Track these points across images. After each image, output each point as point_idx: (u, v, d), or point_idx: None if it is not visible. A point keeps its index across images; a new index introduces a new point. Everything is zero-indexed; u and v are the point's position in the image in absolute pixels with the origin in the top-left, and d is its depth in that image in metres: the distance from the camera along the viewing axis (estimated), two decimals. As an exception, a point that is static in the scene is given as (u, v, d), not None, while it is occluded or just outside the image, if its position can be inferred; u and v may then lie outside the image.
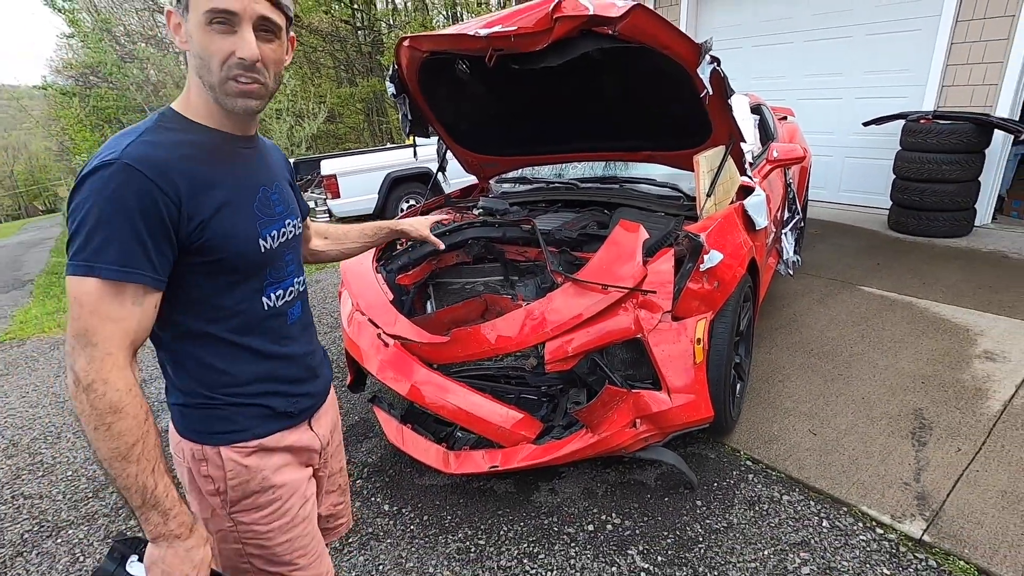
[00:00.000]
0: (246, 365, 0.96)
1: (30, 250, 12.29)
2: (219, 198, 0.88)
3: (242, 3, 0.81)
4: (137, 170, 0.79)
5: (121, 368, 0.79)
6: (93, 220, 0.77)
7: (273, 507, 1.01)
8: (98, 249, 0.77)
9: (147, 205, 0.79)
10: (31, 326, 5.17)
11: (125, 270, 0.78)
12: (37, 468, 2.67)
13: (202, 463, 0.96)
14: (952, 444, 2.17)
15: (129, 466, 0.79)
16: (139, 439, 0.80)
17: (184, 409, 0.95)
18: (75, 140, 11.26)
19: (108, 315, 0.78)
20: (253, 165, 0.97)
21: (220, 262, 0.89)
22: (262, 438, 0.98)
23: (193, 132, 0.89)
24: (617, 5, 1.80)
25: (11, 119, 33.65)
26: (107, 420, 0.77)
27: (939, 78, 4.78)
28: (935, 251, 4.33)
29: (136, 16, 15.47)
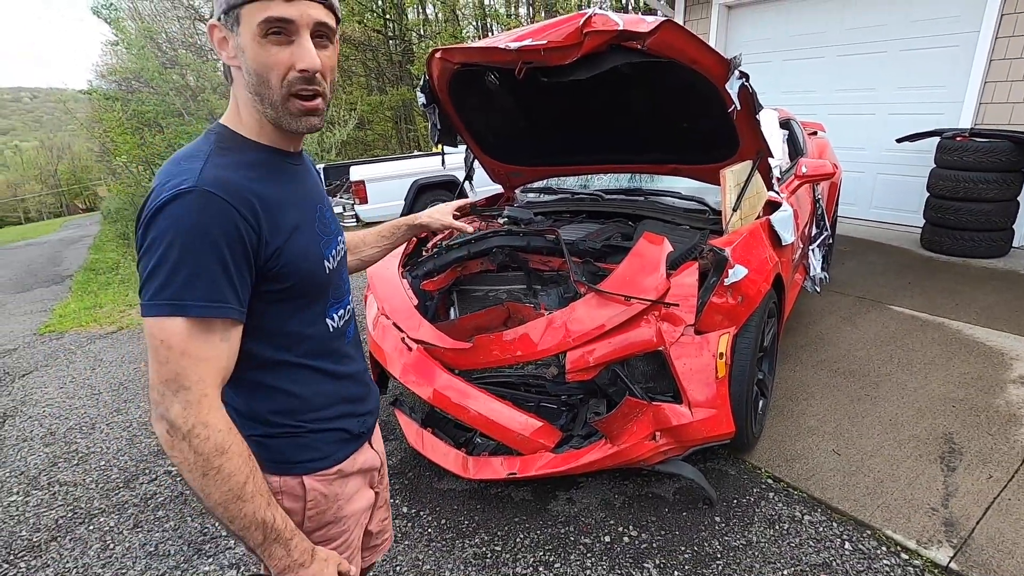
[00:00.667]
0: (322, 389, 0.93)
1: (70, 247, 12.77)
2: (291, 221, 0.84)
3: (299, 9, 0.76)
4: (217, 196, 0.73)
5: (218, 408, 0.75)
6: (176, 254, 0.71)
7: (342, 539, 0.99)
8: (184, 285, 0.71)
9: (230, 232, 0.74)
10: (69, 320, 5.37)
11: (215, 305, 0.73)
12: (72, 456, 2.77)
13: (279, 495, 0.89)
14: (983, 470, 2.11)
15: (245, 505, 0.75)
16: (249, 475, 0.76)
17: (264, 440, 0.89)
18: (116, 142, 11.68)
19: (199, 355, 0.73)
20: (307, 183, 0.92)
21: (292, 288, 0.84)
22: (341, 463, 0.96)
23: (252, 151, 0.84)
24: (646, 21, 1.82)
25: (57, 121, 35.09)
26: (215, 463, 0.72)
27: (977, 95, 4.67)
28: (970, 271, 4.22)
29: (177, 23, 16.05)
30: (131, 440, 2.87)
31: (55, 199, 36.37)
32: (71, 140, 35.21)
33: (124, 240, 12.62)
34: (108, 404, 3.31)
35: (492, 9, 14.92)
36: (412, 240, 2.77)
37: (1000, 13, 4.43)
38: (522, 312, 2.53)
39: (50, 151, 39.26)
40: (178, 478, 2.51)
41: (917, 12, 4.96)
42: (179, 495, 2.39)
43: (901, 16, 5.05)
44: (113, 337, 4.65)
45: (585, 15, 1.84)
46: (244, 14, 0.76)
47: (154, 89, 10.77)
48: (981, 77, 4.62)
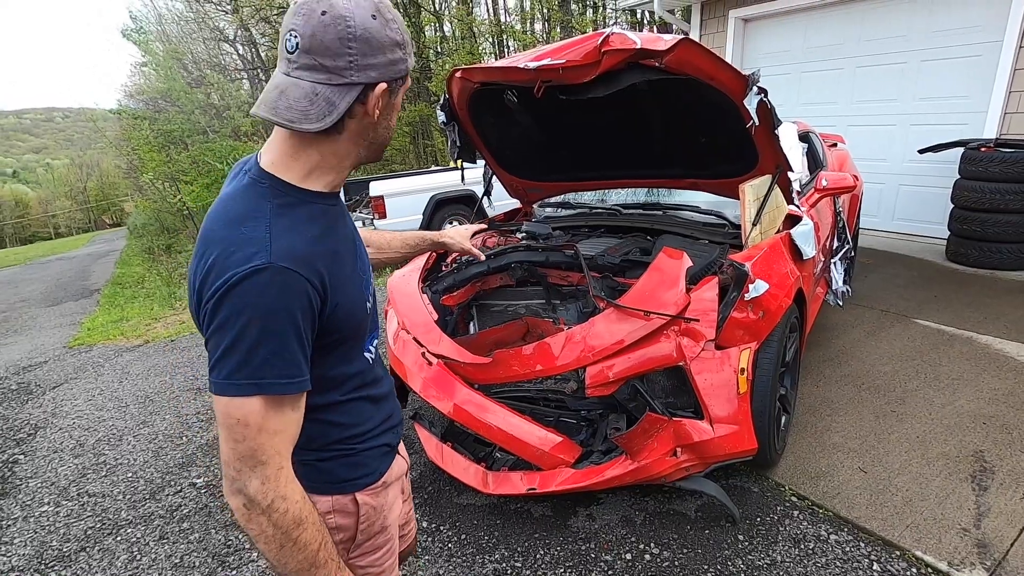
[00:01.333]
0: (367, 414, 0.96)
1: (97, 261, 13.12)
2: (345, 272, 0.84)
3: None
4: (293, 271, 0.73)
5: (293, 479, 0.76)
6: (255, 334, 0.70)
7: (387, 547, 1.03)
8: (263, 364, 0.71)
9: (305, 306, 0.74)
10: (97, 333, 5.51)
11: (291, 382, 0.74)
12: (101, 468, 2.84)
13: (330, 515, 0.93)
14: (1016, 490, 2.05)
15: (319, 571, 0.77)
16: (322, 542, 0.78)
17: (316, 464, 0.91)
18: (143, 159, 12.05)
19: (275, 429, 0.73)
20: (346, 222, 0.92)
21: (343, 336, 0.85)
22: (384, 475, 1.00)
23: (305, 203, 0.81)
24: (664, 39, 1.84)
25: (87, 139, 36.25)
26: (293, 536, 0.74)
27: (1001, 105, 4.60)
28: (997, 284, 4.12)
29: (203, 44, 16.55)
30: (157, 452, 2.93)
31: (84, 215, 37.46)
32: (100, 158, 36.33)
33: (148, 254, 12.95)
34: (135, 416, 3.38)
35: (508, 26, 15.12)
36: (432, 255, 2.81)
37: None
38: (541, 327, 2.54)
39: (80, 168, 40.55)
40: (203, 490, 2.56)
41: (938, 22, 4.92)
42: (203, 507, 2.43)
43: (921, 26, 5.01)
44: (139, 350, 4.76)
45: (603, 34, 1.87)
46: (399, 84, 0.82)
47: (180, 108, 11.10)
48: (1006, 87, 4.55)
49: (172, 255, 12.66)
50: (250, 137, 11.25)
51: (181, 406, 3.46)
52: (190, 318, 5.97)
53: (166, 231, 14.84)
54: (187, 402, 3.51)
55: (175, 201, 11.65)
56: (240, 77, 16.62)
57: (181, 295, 7.53)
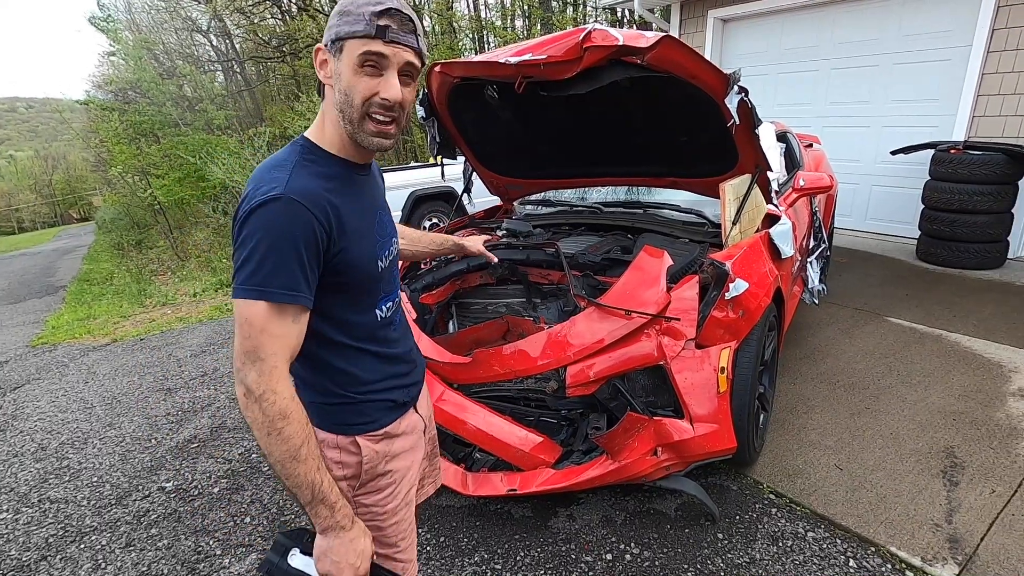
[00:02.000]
0: (371, 367, 1.07)
1: (63, 257, 12.70)
2: (354, 225, 0.97)
3: (392, 50, 0.90)
4: (301, 204, 0.87)
5: (286, 378, 0.88)
6: (264, 249, 0.85)
7: (389, 490, 1.11)
8: (270, 275, 0.85)
9: (309, 235, 0.88)
10: (62, 332, 5.32)
11: (292, 293, 0.87)
12: (64, 473, 2.73)
13: (335, 450, 1.05)
14: (986, 485, 2.10)
15: (299, 465, 0.88)
16: (304, 440, 0.89)
17: (323, 406, 1.05)
18: (112, 152, 11.66)
19: (274, 333, 0.87)
20: (371, 191, 1.07)
21: (347, 282, 0.98)
22: (387, 426, 1.10)
23: (331, 164, 0.97)
24: (646, 36, 1.83)
25: (52, 131, 35.06)
26: (278, 426, 0.86)
27: (970, 108, 4.72)
28: (966, 283, 4.23)
29: (175, 35, 16.11)
30: (124, 456, 2.83)
31: (49, 209, 36.23)
32: (67, 150, 35.15)
33: (118, 250, 12.57)
34: (101, 418, 3.27)
35: (489, 22, 15.03)
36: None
37: (992, 28, 4.49)
38: (521, 326, 2.52)
39: (45, 161, 39.17)
40: (172, 495, 2.47)
41: (909, 26, 5.02)
42: (173, 512, 2.35)
43: (894, 30, 5.11)
44: (107, 349, 4.60)
45: (585, 30, 1.85)
46: (348, 46, 0.90)
47: (151, 99, 10.77)
48: (974, 90, 4.67)
49: (143, 251, 12.30)
50: (223, 131, 10.98)
51: (150, 407, 3.35)
52: (160, 316, 5.79)
53: (136, 226, 14.41)
54: (156, 403, 3.41)
55: (146, 195, 11.30)
56: (214, 69, 16.23)
57: (151, 292, 7.32)
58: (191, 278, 7.98)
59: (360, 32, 0.88)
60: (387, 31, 0.89)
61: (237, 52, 16.30)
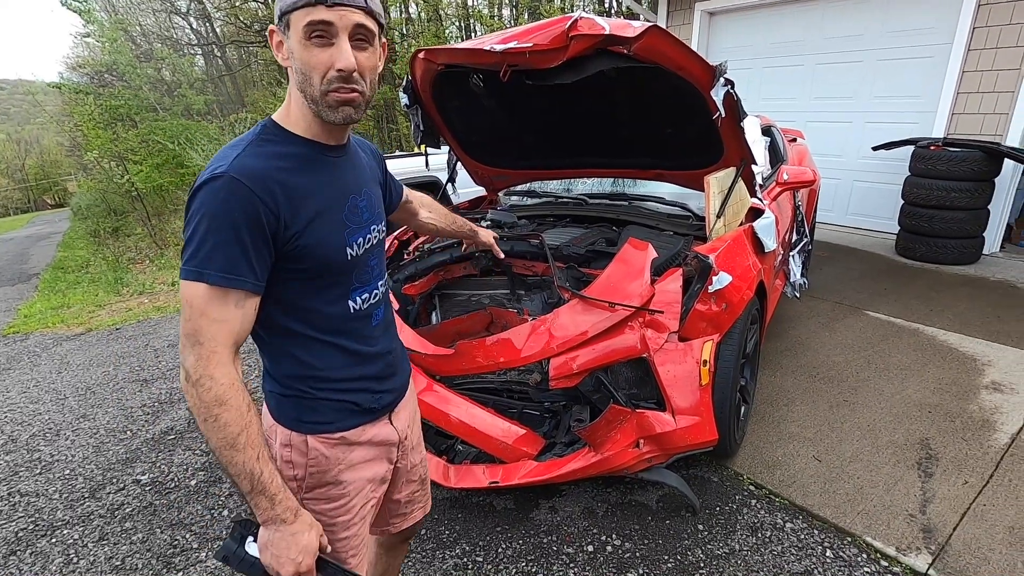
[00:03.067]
0: (336, 363, 1.01)
1: (37, 244, 12.37)
2: (312, 208, 0.92)
3: (338, 13, 0.84)
4: (242, 183, 0.84)
5: (225, 364, 0.85)
6: (203, 229, 0.83)
7: (340, 502, 1.06)
8: (207, 257, 0.83)
9: (251, 215, 0.84)
10: (35, 321, 5.18)
11: (230, 277, 0.84)
12: (35, 465, 2.66)
13: (287, 448, 1.01)
14: (959, 476, 2.15)
15: (237, 454, 0.85)
16: (243, 429, 0.85)
17: (279, 397, 1.02)
18: (87, 136, 11.33)
19: (214, 317, 0.84)
20: (344, 174, 1.00)
21: (309, 269, 0.94)
22: (345, 431, 1.04)
23: (291, 144, 0.93)
24: (633, 25, 1.81)
25: (25, 114, 34.00)
26: (214, 412, 0.83)
27: (950, 105, 4.78)
28: (942, 278, 4.31)
29: (153, 16, 15.68)
30: (98, 448, 2.77)
31: (22, 194, 35.21)
32: (40, 134, 34.11)
33: (94, 238, 12.27)
34: (74, 409, 3.19)
35: (475, 10, 14.87)
36: (394, 243, 2.73)
37: (972, 26, 4.54)
38: (505, 317, 2.50)
39: (17, 144, 37.98)
40: (148, 488, 2.42)
41: (893, 23, 5.06)
42: (148, 506, 2.31)
43: (878, 26, 5.15)
44: (81, 339, 4.49)
45: (571, 19, 1.82)
46: (292, 19, 0.86)
47: (127, 83, 10.47)
48: (954, 88, 4.73)
49: (120, 238, 12.01)
50: (203, 116, 10.73)
51: (125, 398, 3.28)
52: (137, 305, 5.66)
53: (113, 213, 14.05)
54: (132, 394, 3.33)
55: (123, 182, 11.02)
56: (194, 52, 15.84)
57: (128, 280, 7.16)
58: (170, 266, 7.81)
59: (301, 2, 0.84)
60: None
61: (218, 36, 15.92)
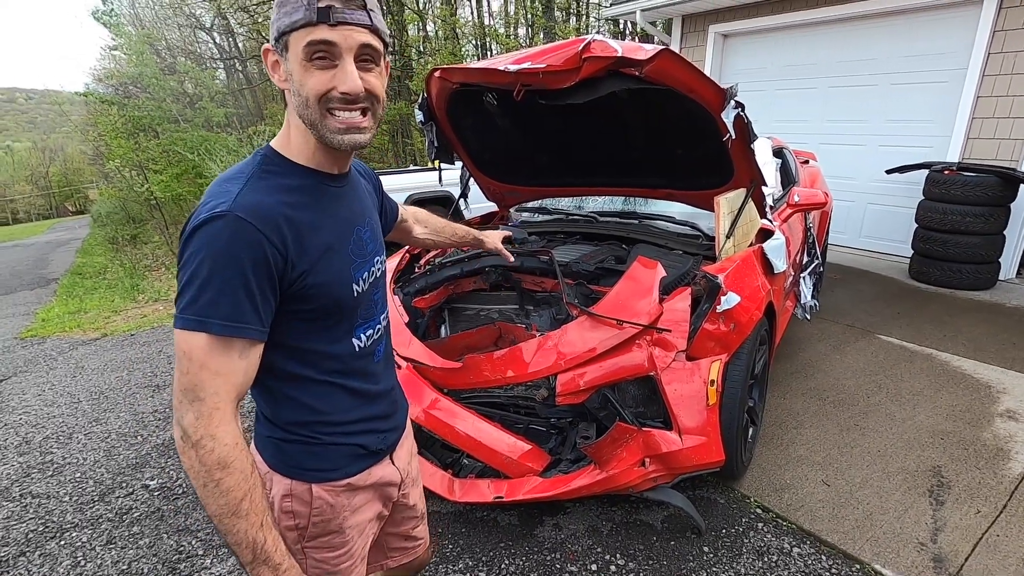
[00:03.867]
0: (342, 405, 0.95)
1: (57, 249, 12.63)
2: (321, 245, 0.86)
3: (341, 34, 0.78)
4: (248, 222, 0.77)
5: (228, 422, 0.77)
6: (205, 273, 0.75)
7: (343, 549, 1.01)
8: (209, 304, 0.75)
9: (257, 257, 0.77)
10: (52, 325, 5.28)
11: (234, 325, 0.76)
12: (47, 467, 2.70)
13: (287, 498, 0.94)
14: (971, 505, 2.11)
15: (239, 522, 0.77)
16: (247, 493, 0.78)
17: (279, 444, 0.94)
18: (110, 146, 11.62)
19: (216, 369, 0.76)
20: (348, 204, 0.94)
21: (317, 309, 0.87)
22: (352, 476, 0.98)
23: (294, 175, 0.86)
24: (645, 48, 1.84)
25: (51, 122, 34.89)
26: (216, 476, 0.75)
27: (964, 130, 4.77)
28: (957, 303, 4.26)
29: (178, 31, 16.11)
30: (109, 452, 2.80)
31: (45, 201, 36.01)
32: (65, 142, 35.01)
33: (112, 245, 12.51)
34: (87, 413, 3.24)
35: (492, 29, 15.11)
36: (405, 256, 2.76)
37: (987, 51, 4.54)
38: (513, 332, 2.51)
39: (43, 152, 38.96)
40: (156, 493, 2.45)
41: (907, 47, 5.08)
42: (156, 511, 2.33)
43: (892, 51, 5.17)
44: (97, 344, 4.57)
45: (584, 41, 1.86)
46: (292, 40, 0.79)
47: (151, 95, 10.75)
48: (969, 113, 4.72)
49: (137, 245, 12.24)
50: (223, 128, 10.96)
51: (137, 404, 3.33)
52: (152, 312, 5.76)
53: (132, 221, 14.35)
54: (144, 399, 3.38)
55: (142, 191, 11.26)
56: (215, 67, 16.22)
57: (144, 287, 7.28)
58: (185, 275, 7.93)
59: (301, 20, 0.76)
60: (330, 12, 0.76)
61: (240, 50, 16.31)
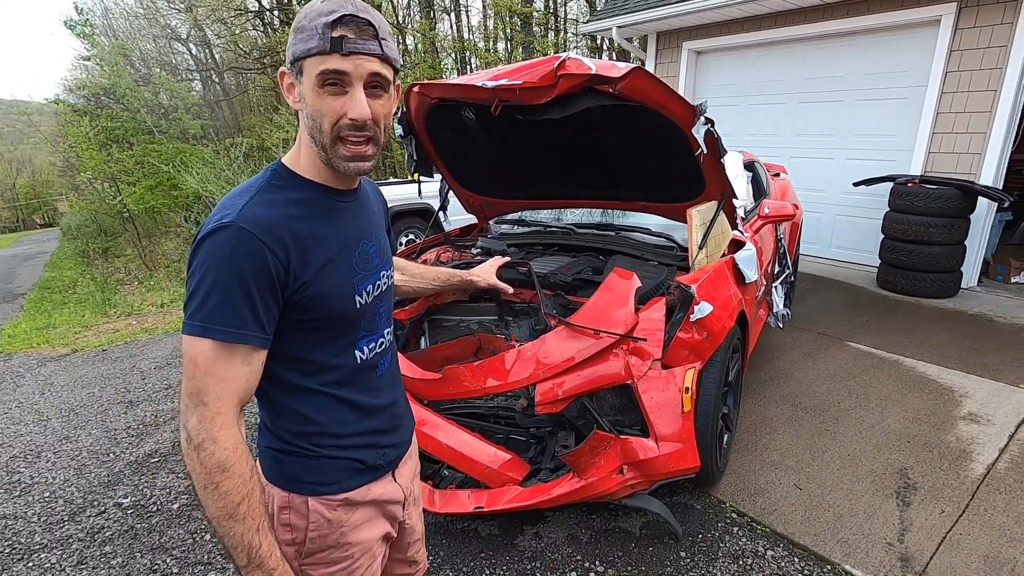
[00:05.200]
0: (341, 418, 0.96)
1: (24, 263, 12.27)
2: (323, 257, 0.88)
3: (353, 63, 0.81)
4: (251, 232, 0.80)
5: (229, 427, 0.80)
6: (209, 282, 0.78)
7: (343, 564, 0.99)
8: (212, 311, 0.78)
9: (259, 267, 0.80)
10: (19, 341, 5.13)
11: (236, 332, 0.79)
12: (14, 487, 2.62)
13: (285, 511, 0.95)
14: (936, 506, 2.18)
15: (236, 525, 0.80)
16: (244, 497, 0.80)
17: (278, 455, 0.95)
18: (81, 157, 11.39)
19: (220, 375, 0.79)
20: (354, 219, 0.97)
21: (319, 320, 0.89)
22: (349, 492, 0.98)
23: (302, 190, 0.90)
24: (618, 66, 1.90)
25: (19, 133, 34.02)
26: (215, 479, 0.78)
27: (926, 144, 4.97)
28: (922, 311, 4.41)
29: (153, 42, 15.93)
30: (79, 470, 2.73)
31: (11, 213, 34.99)
32: (33, 153, 34.14)
33: (83, 258, 12.20)
34: (56, 431, 3.15)
35: (471, 43, 15.27)
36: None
37: (945, 71, 4.76)
38: (493, 343, 2.53)
39: (9, 164, 37.90)
40: (129, 511, 2.40)
41: (870, 65, 5.29)
42: (129, 529, 2.28)
43: (857, 67, 5.38)
44: (66, 360, 4.45)
45: (560, 59, 1.91)
46: (306, 66, 0.83)
47: (125, 106, 10.59)
48: (930, 128, 4.93)
49: (109, 259, 11.96)
50: (199, 140, 10.83)
51: (109, 420, 3.25)
52: (124, 326, 5.63)
53: (104, 233, 14.03)
54: (116, 416, 3.31)
55: (115, 203, 11.05)
56: (191, 78, 16.05)
57: (116, 301, 7.12)
58: (159, 288, 7.79)
59: (315, 49, 0.80)
60: (343, 42, 0.80)
61: (216, 62, 16.17)
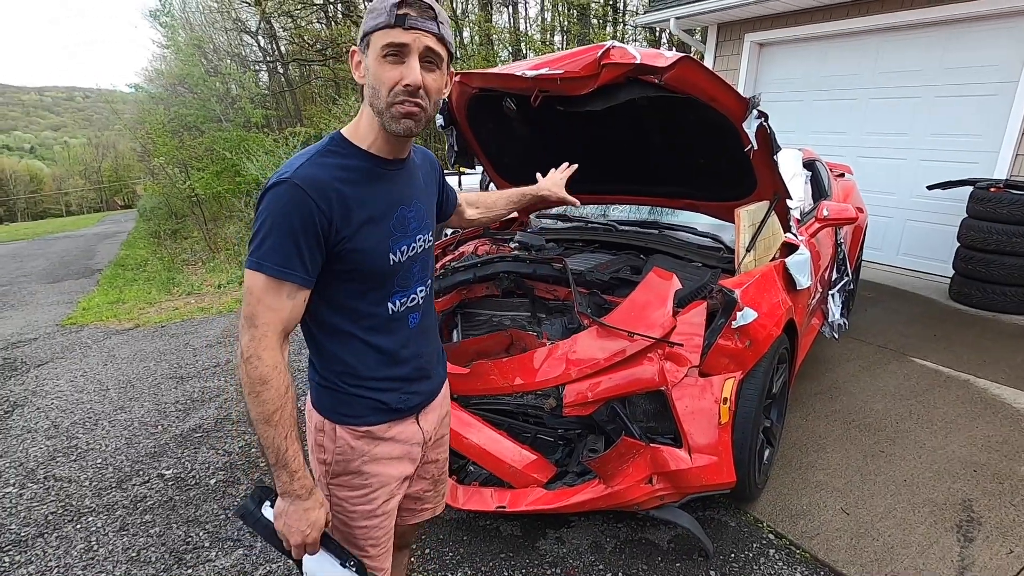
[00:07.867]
0: (369, 361, 1.10)
1: (103, 241, 13.17)
2: (363, 216, 1.02)
3: (412, 36, 0.94)
4: (302, 188, 0.94)
5: (272, 348, 0.96)
6: (267, 227, 0.94)
7: (362, 492, 1.14)
8: (267, 252, 0.94)
9: (306, 218, 0.94)
10: (91, 314, 5.50)
11: (284, 270, 0.95)
12: (71, 452, 2.79)
13: (320, 433, 1.13)
14: (1003, 544, 1.98)
15: (269, 429, 0.95)
16: (279, 408, 0.96)
17: (319, 387, 1.12)
18: (156, 143, 12.09)
19: (269, 304, 0.95)
20: (397, 187, 1.09)
21: (354, 271, 1.04)
22: (372, 426, 1.12)
23: (353, 157, 1.03)
24: (665, 55, 1.80)
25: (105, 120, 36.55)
26: (256, 389, 0.94)
27: (1014, 146, 4.54)
28: (1000, 327, 4.04)
29: (225, 35, 16.69)
30: (130, 440, 2.89)
31: (96, 194, 37.78)
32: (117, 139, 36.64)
33: (155, 238, 12.97)
34: (114, 401, 3.35)
35: (528, 36, 15.16)
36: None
37: (1041, 64, 4.32)
38: (525, 340, 2.49)
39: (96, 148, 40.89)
40: (170, 483, 2.51)
41: (954, 59, 4.87)
42: (168, 500, 2.38)
43: (936, 62, 4.97)
44: (129, 334, 4.73)
45: (604, 47, 1.83)
46: (373, 39, 0.96)
47: (196, 95, 11.14)
48: (1019, 127, 4.49)
49: (177, 240, 12.67)
50: (260, 128, 11.27)
51: (161, 394, 3.43)
52: (184, 304, 5.93)
53: (174, 216, 14.86)
54: (168, 390, 3.48)
55: (184, 187, 11.67)
56: (258, 69, 16.73)
57: (180, 280, 7.52)
58: (219, 270, 8.18)
59: (382, 23, 0.94)
60: (406, 18, 0.93)
61: (282, 53, 16.78)
